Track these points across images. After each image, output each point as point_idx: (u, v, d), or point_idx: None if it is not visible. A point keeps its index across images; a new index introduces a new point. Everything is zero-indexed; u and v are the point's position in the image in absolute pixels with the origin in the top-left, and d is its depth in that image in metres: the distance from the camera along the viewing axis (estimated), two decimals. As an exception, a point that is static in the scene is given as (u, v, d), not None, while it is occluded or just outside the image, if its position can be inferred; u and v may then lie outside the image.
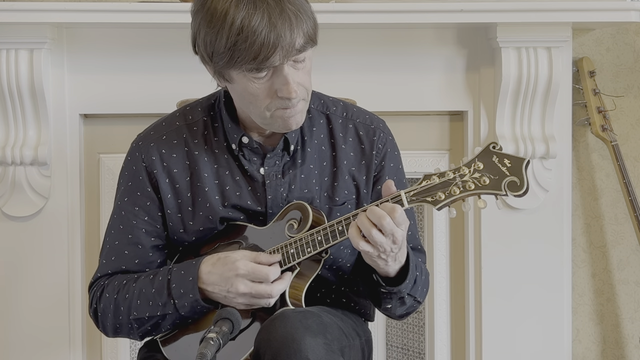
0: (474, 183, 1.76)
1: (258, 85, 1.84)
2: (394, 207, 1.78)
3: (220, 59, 1.82)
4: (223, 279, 1.89)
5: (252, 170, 1.98)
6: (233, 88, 1.91)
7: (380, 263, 1.85)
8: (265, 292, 1.86)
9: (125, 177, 2.03)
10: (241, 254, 1.90)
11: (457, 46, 2.72)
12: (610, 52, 2.86)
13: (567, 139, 2.76)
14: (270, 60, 1.79)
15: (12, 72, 2.55)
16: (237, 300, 1.88)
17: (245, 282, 1.87)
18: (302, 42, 1.81)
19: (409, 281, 1.91)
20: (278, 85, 1.84)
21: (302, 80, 1.86)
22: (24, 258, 2.68)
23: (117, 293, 1.98)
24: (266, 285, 1.87)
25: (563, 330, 2.77)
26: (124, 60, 2.65)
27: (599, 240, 2.90)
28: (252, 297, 1.87)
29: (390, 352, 2.98)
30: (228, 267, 1.88)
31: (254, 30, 1.77)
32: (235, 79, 1.86)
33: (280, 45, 1.78)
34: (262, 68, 1.81)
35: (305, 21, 1.82)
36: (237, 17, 1.77)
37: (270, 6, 1.78)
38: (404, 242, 1.85)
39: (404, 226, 1.80)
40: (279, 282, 1.88)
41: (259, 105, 1.87)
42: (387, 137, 2.05)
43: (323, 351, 1.74)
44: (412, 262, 1.91)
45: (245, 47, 1.78)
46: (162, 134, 2.02)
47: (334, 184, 2.00)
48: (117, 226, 2.03)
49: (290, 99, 1.84)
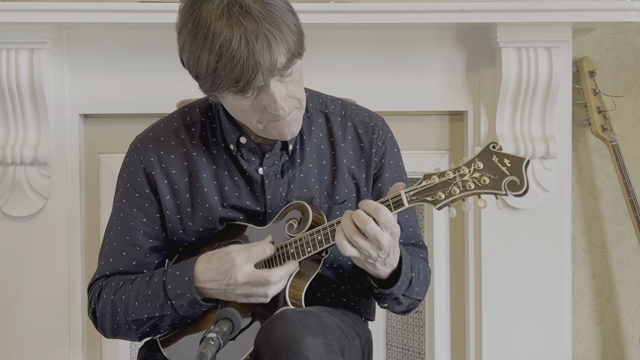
0: (474, 183, 1.75)
1: (246, 102, 1.83)
2: (378, 208, 1.76)
3: (204, 83, 1.81)
4: (221, 273, 1.88)
5: (251, 170, 1.98)
6: (224, 104, 1.90)
7: (369, 267, 1.84)
8: (263, 277, 1.85)
9: (123, 179, 2.03)
10: (235, 247, 1.90)
11: (457, 46, 2.72)
12: (610, 52, 2.86)
13: (567, 139, 2.76)
14: (252, 84, 1.77)
15: (12, 72, 2.55)
16: (237, 291, 1.88)
17: (243, 270, 1.86)
18: (284, 60, 1.77)
19: (401, 283, 1.90)
20: (266, 102, 1.82)
21: (292, 92, 1.84)
22: (24, 258, 2.68)
23: (114, 294, 1.98)
24: (265, 270, 1.86)
25: (563, 330, 2.77)
26: (124, 60, 2.65)
27: (599, 240, 2.90)
28: (252, 286, 1.86)
29: (390, 352, 2.98)
30: (224, 259, 1.88)
31: (232, 56, 1.73)
32: (224, 97, 1.85)
33: (260, 69, 1.74)
34: (245, 90, 1.78)
35: (287, 38, 1.77)
36: (216, 42, 1.74)
37: (247, 29, 1.74)
38: (394, 247, 1.83)
39: (390, 229, 1.78)
40: (279, 268, 1.87)
41: (251, 120, 1.87)
42: (387, 135, 2.05)
43: (323, 351, 1.74)
44: (405, 264, 1.89)
45: (225, 74, 1.75)
46: (160, 135, 2.02)
47: (334, 182, 2.00)
48: (115, 228, 2.03)
49: (279, 115, 1.83)
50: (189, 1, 1.81)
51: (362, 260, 1.81)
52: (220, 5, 1.76)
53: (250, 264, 1.87)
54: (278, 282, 1.86)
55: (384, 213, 1.76)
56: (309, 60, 1.90)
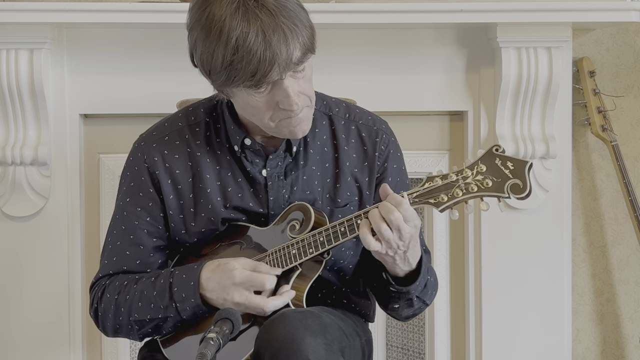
0: (477, 185, 1.76)
1: (259, 98, 1.83)
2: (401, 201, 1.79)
3: (218, 77, 1.80)
4: (220, 287, 1.88)
5: (254, 171, 1.98)
6: (235, 101, 1.90)
7: (388, 260, 1.84)
8: (259, 306, 1.85)
9: (127, 178, 2.03)
10: (241, 262, 1.90)
11: (457, 46, 2.72)
12: (610, 52, 2.86)
13: (567, 139, 2.76)
14: (268, 77, 1.77)
15: (12, 72, 2.55)
16: (234, 306, 1.87)
17: (240, 291, 1.86)
18: (299, 54, 1.78)
19: (419, 283, 1.90)
20: (279, 98, 1.82)
21: (304, 89, 1.85)
22: (24, 258, 2.68)
23: (118, 294, 1.98)
24: (261, 299, 1.86)
25: (563, 330, 2.77)
26: (124, 60, 2.65)
27: (599, 240, 2.90)
28: (246, 309, 1.87)
29: (390, 352, 2.98)
30: (226, 274, 1.88)
31: (249, 49, 1.74)
32: (236, 93, 1.85)
33: (277, 62, 1.75)
34: (260, 84, 1.79)
35: (302, 32, 1.78)
36: (232, 35, 1.74)
37: (264, 22, 1.74)
38: (415, 244, 1.84)
39: (412, 223, 1.79)
40: (276, 298, 1.87)
41: (262, 117, 1.86)
42: (390, 139, 2.05)
43: (323, 351, 1.74)
44: (424, 265, 1.90)
45: (241, 67, 1.75)
46: (165, 134, 2.02)
47: (336, 185, 2.00)
48: (119, 227, 2.02)
49: (292, 110, 1.83)
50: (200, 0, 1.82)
51: (382, 253, 1.82)
52: (235, 0, 1.76)
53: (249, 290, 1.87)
54: (272, 310, 1.87)
55: (405, 207, 1.78)
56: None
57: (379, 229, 1.78)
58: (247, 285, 1.87)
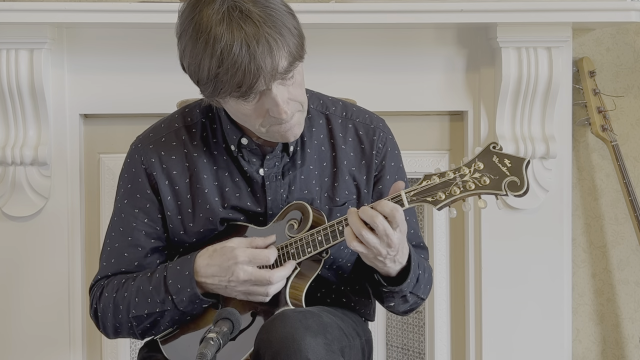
0: (475, 183, 1.76)
1: (248, 107, 1.83)
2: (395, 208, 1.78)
3: (206, 88, 1.81)
4: (223, 269, 1.88)
5: (252, 171, 1.98)
6: (226, 108, 1.91)
7: (379, 264, 1.85)
8: (264, 278, 1.85)
9: (124, 179, 2.03)
10: (236, 242, 1.90)
11: (457, 46, 2.72)
12: (610, 52, 2.86)
13: (567, 139, 2.76)
14: (254, 88, 1.77)
15: (12, 72, 2.55)
16: (238, 288, 1.88)
17: (245, 268, 1.87)
18: (286, 64, 1.77)
19: (410, 281, 1.91)
20: (268, 106, 1.82)
21: (294, 95, 1.84)
22: (24, 258, 2.68)
23: (116, 292, 1.98)
24: (266, 271, 1.87)
25: (563, 331, 2.77)
26: (124, 60, 2.65)
27: (599, 240, 2.90)
28: (253, 285, 1.87)
29: (390, 352, 2.98)
30: (227, 256, 1.88)
31: (233, 61, 1.73)
32: (226, 102, 1.85)
33: (262, 73, 1.74)
34: (248, 95, 1.78)
35: (288, 41, 1.77)
36: (217, 47, 1.74)
37: (248, 33, 1.73)
38: (403, 245, 1.84)
39: (400, 228, 1.79)
40: (280, 269, 1.88)
41: (254, 124, 1.87)
42: (387, 137, 2.05)
43: (323, 351, 1.74)
44: (414, 261, 1.90)
45: (227, 79, 1.75)
46: (161, 135, 2.02)
47: (334, 184, 2.00)
48: (117, 228, 2.03)
49: (282, 118, 1.83)
50: (189, 6, 1.81)
51: (371, 257, 1.82)
52: (221, 10, 1.75)
53: (252, 265, 1.87)
54: (279, 282, 1.88)
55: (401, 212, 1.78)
56: (309, 60, 1.90)
57: (359, 233, 1.78)
58: (252, 262, 1.87)
